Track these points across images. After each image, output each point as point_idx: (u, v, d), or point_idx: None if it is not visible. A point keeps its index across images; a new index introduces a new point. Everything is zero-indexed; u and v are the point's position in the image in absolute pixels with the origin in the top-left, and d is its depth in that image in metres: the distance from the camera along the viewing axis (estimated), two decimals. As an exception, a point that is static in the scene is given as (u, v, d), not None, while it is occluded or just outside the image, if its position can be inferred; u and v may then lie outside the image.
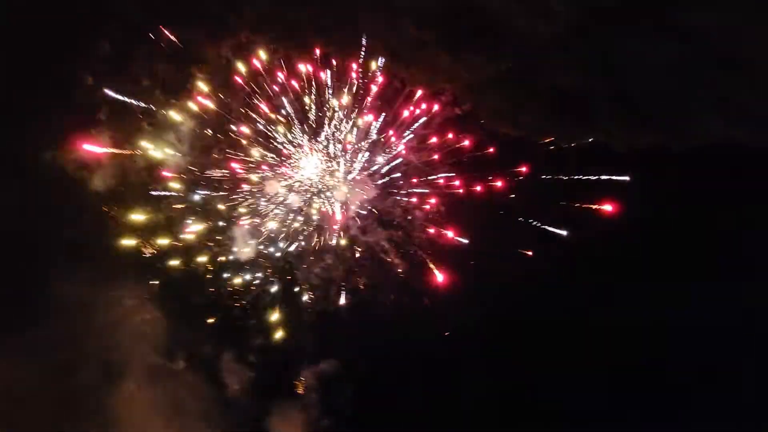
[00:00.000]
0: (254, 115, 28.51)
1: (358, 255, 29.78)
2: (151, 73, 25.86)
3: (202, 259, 28.65)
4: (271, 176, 29.51)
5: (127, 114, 26.35)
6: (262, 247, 29.52)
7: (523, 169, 27.88)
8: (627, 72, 22.10)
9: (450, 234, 28.86)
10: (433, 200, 29.32)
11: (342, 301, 29.37)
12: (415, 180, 29.58)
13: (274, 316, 29.15)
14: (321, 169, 30.05)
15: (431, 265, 29.05)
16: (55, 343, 24.17)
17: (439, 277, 28.78)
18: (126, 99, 26.18)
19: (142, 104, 26.46)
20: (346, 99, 28.81)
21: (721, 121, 21.50)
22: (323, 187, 30.18)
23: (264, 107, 28.53)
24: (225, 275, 29.00)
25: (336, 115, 29.24)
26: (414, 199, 29.58)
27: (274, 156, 29.30)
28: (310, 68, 28.08)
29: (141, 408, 25.65)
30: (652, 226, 25.43)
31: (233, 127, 28.32)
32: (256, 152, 28.87)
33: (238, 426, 27.33)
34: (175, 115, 27.15)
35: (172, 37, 25.58)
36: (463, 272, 28.81)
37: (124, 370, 25.72)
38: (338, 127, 29.49)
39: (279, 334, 28.97)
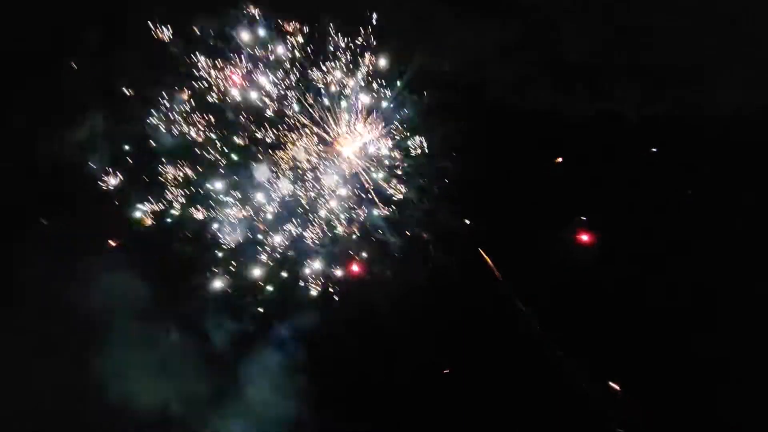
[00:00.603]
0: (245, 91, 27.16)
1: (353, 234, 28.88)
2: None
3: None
4: (261, 159, 28.24)
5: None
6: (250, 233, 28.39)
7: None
8: (640, 38, 21.51)
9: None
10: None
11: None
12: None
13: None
14: (313, 149, 28.79)
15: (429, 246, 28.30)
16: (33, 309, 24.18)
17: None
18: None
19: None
20: (342, 71, 27.45)
21: (740, 86, 21.00)
22: (315, 167, 28.97)
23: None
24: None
25: (331, 90, 27.89)
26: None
27: (267, 136, 27.98)
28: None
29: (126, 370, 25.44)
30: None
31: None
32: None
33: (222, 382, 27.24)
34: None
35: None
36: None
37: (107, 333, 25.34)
38: (334, 103, 28.13)
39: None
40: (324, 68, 27.14)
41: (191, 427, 26.56)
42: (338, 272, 28.65)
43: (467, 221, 28.19)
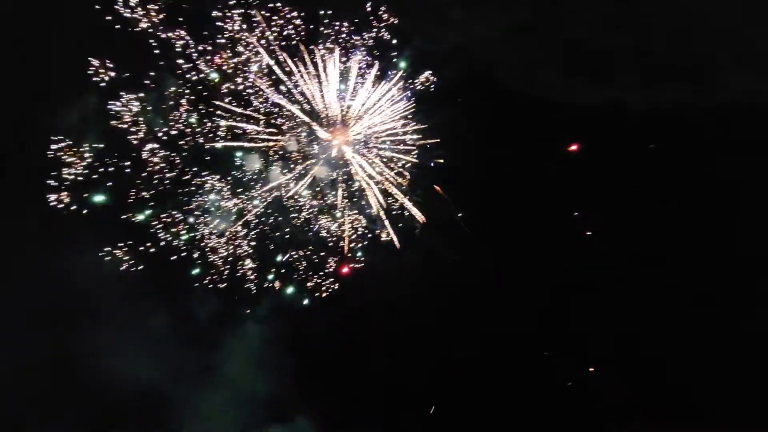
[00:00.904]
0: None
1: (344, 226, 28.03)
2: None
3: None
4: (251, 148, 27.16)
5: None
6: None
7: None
8: (647, 25, 21.16)
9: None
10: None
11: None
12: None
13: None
14: (303, 138, 27.78)
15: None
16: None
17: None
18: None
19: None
20: (335, 57, 26.39)
21: (746, 76, 20.76)
22: (306, 157, 27.99)
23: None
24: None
25: (324, 76, 26.84)
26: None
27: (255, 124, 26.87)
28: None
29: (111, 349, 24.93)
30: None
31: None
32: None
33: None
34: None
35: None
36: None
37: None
38: (325, 89, 27.08)
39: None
40: (319, 51, 26.25)
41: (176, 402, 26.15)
42: (330, 263, 28.10)
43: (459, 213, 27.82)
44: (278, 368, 27.31)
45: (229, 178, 27.01)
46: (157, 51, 24.57)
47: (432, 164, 27.47)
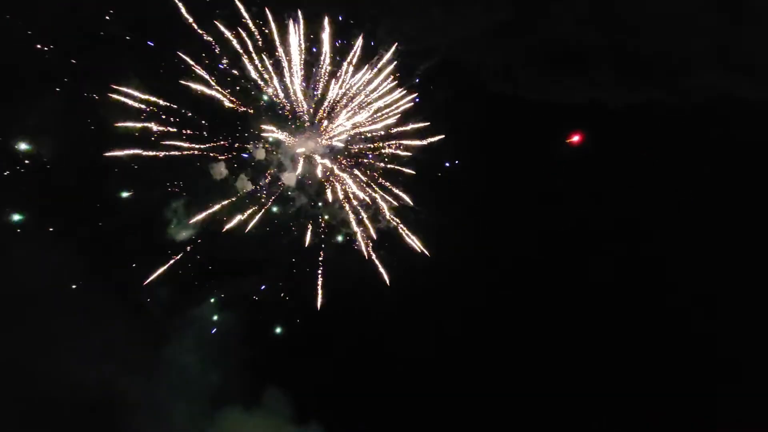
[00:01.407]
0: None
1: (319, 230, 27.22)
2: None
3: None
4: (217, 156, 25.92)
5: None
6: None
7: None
8: (626, 25, 21.39)
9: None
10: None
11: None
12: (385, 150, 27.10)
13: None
14: (272, 143, 26.75)
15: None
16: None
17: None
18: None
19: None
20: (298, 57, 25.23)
21: (722, 75, 21.25)
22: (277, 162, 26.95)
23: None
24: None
25: (296, 78, 25.78)
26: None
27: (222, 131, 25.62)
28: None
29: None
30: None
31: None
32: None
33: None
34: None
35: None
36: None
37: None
38: (297, 92, 26.03)
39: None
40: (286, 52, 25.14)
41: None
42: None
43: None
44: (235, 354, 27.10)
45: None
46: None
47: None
